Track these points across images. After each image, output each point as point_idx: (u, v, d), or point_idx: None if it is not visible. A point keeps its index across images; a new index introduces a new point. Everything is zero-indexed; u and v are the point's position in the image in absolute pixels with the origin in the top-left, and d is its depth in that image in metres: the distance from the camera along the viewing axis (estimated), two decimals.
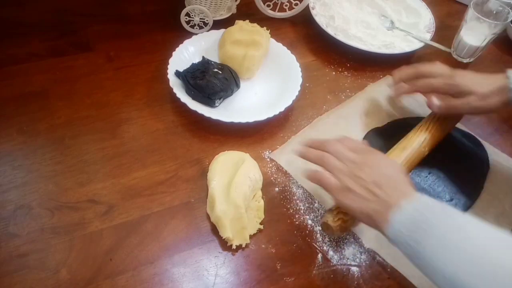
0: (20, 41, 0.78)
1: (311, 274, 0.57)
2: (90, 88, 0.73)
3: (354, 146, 0.56)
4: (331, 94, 0.79)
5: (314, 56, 0.87)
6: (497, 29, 0.83)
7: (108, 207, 0.59)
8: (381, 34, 0.90)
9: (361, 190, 0.51)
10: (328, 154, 0.56)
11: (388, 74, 0.84)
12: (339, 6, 0.94)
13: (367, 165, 0.53)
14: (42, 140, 0.65)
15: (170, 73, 0.72)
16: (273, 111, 0.70)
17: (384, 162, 0.55)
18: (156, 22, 0.87)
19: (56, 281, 0.52)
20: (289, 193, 0.64)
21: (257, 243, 0.58)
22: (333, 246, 0.59)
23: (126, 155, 0.65)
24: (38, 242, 0.55)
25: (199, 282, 0.54)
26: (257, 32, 0.78)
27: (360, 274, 0.57)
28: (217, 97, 0.70)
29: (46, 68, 0.75)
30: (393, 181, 0.52)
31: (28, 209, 0.57)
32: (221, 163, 0.63)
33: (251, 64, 0.75)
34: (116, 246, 0.56)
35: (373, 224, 0.50)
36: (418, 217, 0.46)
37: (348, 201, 0.52)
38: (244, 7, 0.88)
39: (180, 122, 0.71)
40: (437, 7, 1.00)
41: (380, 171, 0.53)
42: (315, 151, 0.58)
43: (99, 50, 0.79)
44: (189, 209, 0.61)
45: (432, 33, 0.92)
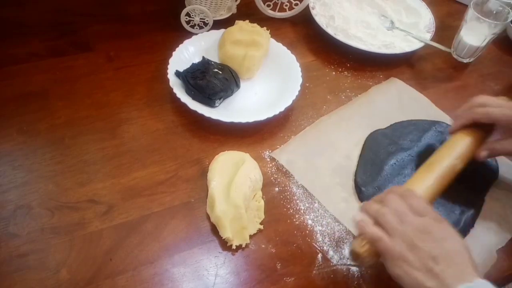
0: (20, 41, 0.78)
1: (311, 274, 0.57)
2: (90, 88, 0.73)
3: (419, 207, 0.50)
4: (331, 94, 0.79)
5: (314, 56, 0.87)
6: (497, 29, 0.83)
7: (108, 207, 0.59)
8: (381, 34, 0.90)
9: (418, 264, 0.46)
10: (388, 210, 0.50)
11: (390, 75, 0.84)
12: (339, 6, 0.94)
13: (430, 235, 0.47)
14: (42, 140, 0.65)
15: (170, 73, 0.72)
16: (273, 111, 0.70)
17: (448, 234, 0.48)
18: (156, 22, 0.87)
19: (56, 281, 0.52)
20: (289, 193, 0.64)
21: (257, 243, 0.58)
22: (333, 246, 0.59)
23: (126, 155, 0.65)
24: (38, 242, 0.55)
25: (199, 282, 0.54)
26: (257, 32, 0.78)
27: (360, 274, 0.57)
28: (217, 97, 0.70)
29: (46, 68, 0.75)
30: (455, 259, 0.46)
31: (28, 209, 0.57)
32: (221, 163, 0.63)
33: (251, 64, 0.75)
34: (116, 246, 0.56)
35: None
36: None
37: (400, 272, 0.47)
38: (244, 7, 0.88)
39: (180, 122, 0.71)
40: (437, 7, 1.00)
41: (443, 244, 0.47)
42: (375, 205, 0.51)
43: (99, 50, 0.79)
44: (189, 209, 0.61)
45: (432, 33, 0.92)
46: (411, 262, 0.46)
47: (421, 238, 0.47)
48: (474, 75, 0.83)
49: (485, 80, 0.83)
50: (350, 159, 0.69)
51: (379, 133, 0.73)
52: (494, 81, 0.85)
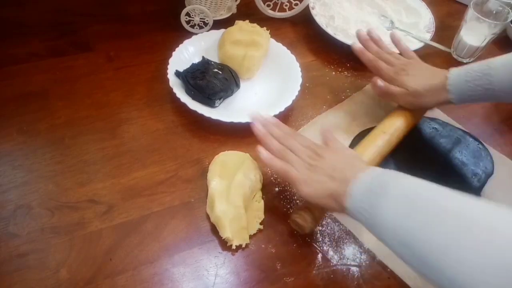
0: (20, 41, 0.78)
1: (311, 274, 0.57)
2: (90, 88, 0.73)
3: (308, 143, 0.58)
4: (331, 94, 0.79)
5: (314, 56, 0.87)
6: (497, 29, 0.83)
7: (108, 207, 0.59)
8: (381, 34, 0.90)
9: (320, 177, 0.53)
10: (285, 148, 0.58)
11: None
12: (339, 6, 0.94)
13: (322, 155, 0.55)
14: (42, 140, 0.65)
15: (170, 73, 0.72)
16: (273, 111, 0.70)
17: (339, 149, 0.57)
18: (156, 22, 0.87)
19: (56, 281, 0.52)
20: (289, 193, 0.64)
21: (257, 243, 0.58)
22: (333, 246, 0.59)
23: (126, 155, 0.65)
24: (38, 242, 0.55)
25: (199, 282, 0.54)
26: (257, 32, 0.78)
27: (360, 274, 0.57)
28: (217, 97, 0.70)
29: (46, 68, 0.75)
30: (350, 163, 0.53)
31: (28, 209, 0.57)
32: (221, 163, 0.63)
33: (251, 64, 0.75)
34: (116, 246, 0.56)
35: (334, 204, 0.51)
36: (374, 183, 0.47)
37: (308, 190, 0.53)
38: (244, 7, 0.88)
39: (180, 122, 0.71)
40: (437, 7, 1.00)
41: (337, 157, 0.55)
42: (276, 143, 0.59)
43: (99, 50, 0.79)
44: (189, 209, 0.61)
45: (432, 33, 0.92)
46: (315, 178, 0.53)
47: (317, 159, 0.55)
48: None
49: None
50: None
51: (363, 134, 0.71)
52: None
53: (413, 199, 0.44)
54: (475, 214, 0.39)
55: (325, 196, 0.52)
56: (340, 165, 0.53)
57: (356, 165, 0.53)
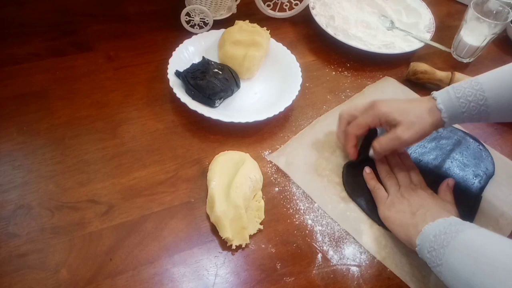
0: (20, 41, 0.78)
1: (311, 274, 0.57)
2: (90, 88, 0.73)
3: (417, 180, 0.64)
4: (331, 94, 0.79)
5: (314, 56, 0.87)
6: (497, 29, 0.83)
7: (108, 207, 0.59)
8: (381, 34, 0.90)
9: (404, 208, 0.59)
10: (392, 175, 0.64)
11: (390, 75, 0.84)
12: (339, 6, 0.94)
13: (418, 194, 0.61)
14: (42, 140, 0.65)
15: (170, 73, 0.72)
16: (273, 111, 0.70)
17: (433, 198, 0.61)
18: (156, 22, 0.87)
19: (56, 281, 0.52)
20: (289, 193, 0.64)
21: (257, 243, 0.58)
22: (333, 246, 0.59)
23: (126, 155, 0.65)
24: (38, 242, 0.55)
25: (199, 282, 0.54)
26: (257, 32, 0.79)
27: (360, 274, 0.57)
28: (217, 97, 0.70)
29: (46, 68, 0.75)
30: (435, 209, 0.57)
31: (28, 209, 0.58)
32: (221, 163, 0.63)
33: (251, 64, 0.75)
34: (116, 246, 0.56)
35: (405, 236, 0.56)
36: (449, 227, 0.51)
37: (389, 213, 0.59)
38: (244, 7, 0.88)
39: (180, 122, 0.71)
40: (437, 7, 1.00)
41: (428, 201, 0.59)
42: (386, 167, 0.65)
43: (99, 50, 0.79)
44: (189, 209, 0.61)
45: (432, 33, 0.92)
46: (399, 207, 0.59)
47: (410, 194, 0.60)
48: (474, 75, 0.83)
49: None
50: (348, 159, 0.69)
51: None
52: None
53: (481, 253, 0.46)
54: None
55: (402, 225, 0.57)
56: (426, 208, 0.57)
57: (441, 212, 0.56)
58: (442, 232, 0.50)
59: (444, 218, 0.53)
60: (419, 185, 0.63)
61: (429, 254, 0.51)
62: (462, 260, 0.47)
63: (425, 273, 0.58)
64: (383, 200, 0.61)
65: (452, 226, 0.51)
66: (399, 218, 0.58)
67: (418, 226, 0.54)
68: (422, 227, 0.53)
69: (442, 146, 0.72)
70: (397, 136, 0.60)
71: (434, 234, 0.51)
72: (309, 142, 0.70)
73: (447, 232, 0.50)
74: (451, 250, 0.48)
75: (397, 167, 0.65)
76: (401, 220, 0.57)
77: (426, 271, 0.58)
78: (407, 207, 0.58)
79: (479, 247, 0.47)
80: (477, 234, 0.49)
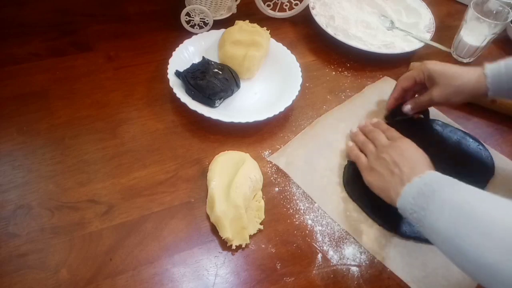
0: (20, 41, 0.78)
1: (311, 274, 0.57)
2: (90, 88, 0.73)
3: (393, 136, 0.66)
4: (331, 94, 0.79)
5: (314, 56, 0.87)
6: (497, 29, 0.83)
7: (108, 207, 0.59)
8: (381, 34, 0.90)
9: (382, 170, 0.60)
10: (368, 140, 0.67)
11: (390, 75, 0.84)
12: (339, 6, 0.94)
13: (393, 149, 0.61)
14: (42, 140, 0.65)
15: (170, 73, 0.72)
16: (273, 111, 0.70)
17: (407, 147, 0.61)
18: (156, 22, 0.87)
19: (56, 281, 0.52)
20: (289, 193, 0.64)
21: (257, 243, 0.58)
22: (333, 246, 0.59)
23: (126, 155, 0.65)
24: (38, 242, 0.55)
25: (199, 282, 0.54)
26: (257, 32, 0.79)
27: (360, 274, 0.57)
28: (217, 97, 0.70)
29: (46, 68, 0.75)
30: (412, 162, 0.58)
31: (28, 209, 0.57)
32: (221, 163, 0.63)
33: (251, 64, 0.75)
34: (116, 246, 0.56)
35: (388, 199, 0.57)
36: (425, 187, 0.52)
37: (370, 178, 0.61)
38: (244, 7, 0.88)
39: (180, 122, 0.71)
40: (437, 7, 1.00)
41: (402, 154, 0.60)
42: (361, 136, 0.68)
43: (99, 50, 0.79)
44: (189, 209, 0.61)
45: (432, 33, 0.92)
46: (378, 169, 0.60)
47: (386, 152, 0.61)
48: None
49: None
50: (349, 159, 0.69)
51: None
52: None
53: (463, 210, 0.48)
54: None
55: (382, 191, 0.59)
56: (402, 161, 0.58)
57: (417, 165, 0.57)
58: (420, 193, 0.52)
59: (419, 176, 0.54)
60: (395, 139, 0.64)
61: (411, 216, 0.53)
62: (442, 221, 0.48)
63: (426, 273, 0.58)
64: (364, 166, 0.63)
65: (428, 186, 0.52)
66: (379, 181, 0.60)
67: (397, 188, 0.56)
68: (401, 189, 0.55)
69: (442, 146, 0.72)
70: (431, 95, 0.68)
71: (413, 196, 0.53)
72: (309, 142, 0.70)
73: (424, 193, 0.52)
74: (431, 211, 0.50)
75: (371, 133, 0.68)
76: (381, 184, 0.59)
77: (426, 271, 0.58)
78: (385, 168, 0.59)
79: (457, 207, 0.48)
80: (455, 192, 0.50)
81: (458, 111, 0.80)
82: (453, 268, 0.58)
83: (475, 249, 0.44)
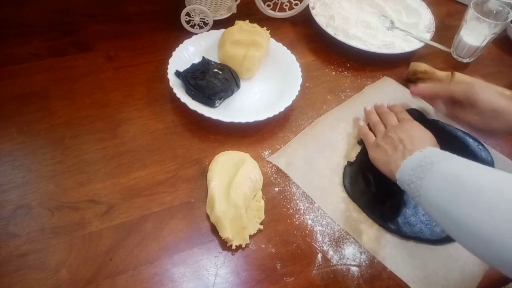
0: (20, 41, 0.78)
1: (311, 274, 0.57)
2: (90, 88, 0.73)
3: (403, 117, 0.68)
4: (331, 94, 0.79)
5: (314, 56, 0.87)
6: (497, 29, 0.83)
7: (108, 207, 0.59)
8: (381, 34, 0.90)
9: (388, 147, 0.61)
10: (379, 121, 0.69)
11: (390, 75, 0.84)
12: (339, 6, 0.94)
13: (400, 129, 0.63)
14: (42, 140, 0.65)
15: (170, 73, 0.72)
16: (273, 111, 0.70)
17: (414, 127, 0.63)
18: (156, 22, 0.87)
19: (56, 281, 0.52)
20: (289, 193, 0.64)
21: (257, 243, 0.58)
22: (333, 246, 0.59)
23: (126, 155, 0.65)
24: (38, 242, 0.55)
25: (199, 282, 0.54)
26: (257, 32, 0.79)
27: (360, 274, 0.57)
28: (217, 98, 0.70)
29: (46, 68, 0.75)
30: (416, 139, 0.59)
31: (28, 209, 0.58)
32: (221, 163, 0.63)
33: (251, 64, 0.75)
34: (116, 246, 0.56)
35: (389, 173, 0.59)
36: (424, 160, 0.54)
37: (375, 155, 0.63)
38: (244, 7, 0.88)
39: (180, 122, 0.71)
40: (437, 7, 1.00)
41: (408, 133, 0.61)
42: (375, 117, 0.70)
43: (99, 50, 0.79)
44: (189, 209, 0.61)
45: (432, 33, 0.92)
46: (383, 147, 0.62)
47: (394, 131, 0.63)
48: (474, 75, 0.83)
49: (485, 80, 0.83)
50: (349, 159, 0.69)
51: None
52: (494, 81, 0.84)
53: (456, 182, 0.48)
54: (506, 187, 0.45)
55: (384, 165, 0.60)
56: (408, 139, 0.60)
57: (421, 143, 0.58)
58: (419, 165, 0.53)
59: (421, 150, 0.56)
60: (405, 120, 0.67)
61: (408, 187, 0.54)
62: (437, 189, 0.50)
63: (426, 273, 0.58)
64: (370, 144, 0.66)
65: (427, 158, 0.54)
66: (382, 156, 0.61)
67: (398, 161, 0.57)
68: (402, 162, 0.57)
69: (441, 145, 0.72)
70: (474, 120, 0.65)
71: (412, 167, 0.54)
72: (309, 143, 0.70)
73: (422, 164, 0.53)
74: (428, 181, 0.51)
75: (384, 114, 0.70)
76: (384, 158, 0.61)
77: (426, 271, 0.58)
78: (390, 145, 0.61)
79: (452, 177, 0.49)
80: (452, 164, 0.52)
81: None
82: (453, 268, 0.58)
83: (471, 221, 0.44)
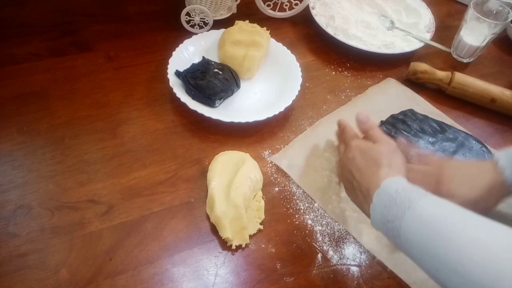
0: (20, 41, 0.78)
1: (311, 274, 0.57)
2: (90, 88, 0.73)
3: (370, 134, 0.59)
4: (331, 94, 0.79)
5: (314, 56, 0.87)
6: (497, 29, 0.83)
7: (108, 207, 0.59)
8: (381, 34, 0.90)
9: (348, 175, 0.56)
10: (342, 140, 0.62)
11: (390, 75, 0.84)
12: (339, 6, 0.94)
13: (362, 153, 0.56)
14: (42, 140, 0.65)
15: (170, 73, 0.72)
16: (273, 111, 0.70)
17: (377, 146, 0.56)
18: (156, 22, 0.87)
19: (56, 281, 0.52)
20: (289, 193, 0.64)
21: (257, 243, 0.58)
22: (333, 246, 0.59)
23: (126, 155, 0.65)
24: (38, 242, 0.55)
25: (199, 282, 0.54)
26: (257, 32, 0.79)
27: (360, 274, 0.57)
28: (217, 98, 0.70)
29: (46, 68, 0.75)
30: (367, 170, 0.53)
31: (28, 209, 0.57)
32: (221, 163, 0.63)
33: (251, 64, 0.75)
34: (116, 246, 0.56)
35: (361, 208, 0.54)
36: (395, 194, 0.48)
37: (347, 192, 0.58)
38: (244, 7, 0.88)
39: (180, 122, 0.71)
40: (437, 7, 1.00)
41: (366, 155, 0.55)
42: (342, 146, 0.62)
43: (99, 50, 0.79)
44: (189, 209, 0.61)
45: (432, 33, 0.92)
46: (345, 175, 0.57)
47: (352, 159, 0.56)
48: (474, 75, 0.83)
49: (485, 80, 0.83)
50: None
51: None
52: (494, 81, 0.84)
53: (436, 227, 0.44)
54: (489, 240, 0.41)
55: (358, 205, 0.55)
56: (359, 169, 0.54)
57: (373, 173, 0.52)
58: (393, 202, 0.48)
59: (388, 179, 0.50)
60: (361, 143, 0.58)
61: (384, 227, 0.49)
62: (421, 232, 0.45)
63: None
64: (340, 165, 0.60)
65: (400, 194, 0.48)
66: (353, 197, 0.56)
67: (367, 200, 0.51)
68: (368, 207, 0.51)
69: (445, 147, 0.72)
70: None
71: (384, 204, 0.48)
72: (310, 144, 0.70)
73: (397, 202, 0.47)
74: (407, 223, 0.46)
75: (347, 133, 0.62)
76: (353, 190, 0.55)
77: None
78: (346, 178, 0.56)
79: (436, 220, 0.45)
80: (432, 203, 0.47)
81: (458, 111, 0.80)
82: None
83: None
